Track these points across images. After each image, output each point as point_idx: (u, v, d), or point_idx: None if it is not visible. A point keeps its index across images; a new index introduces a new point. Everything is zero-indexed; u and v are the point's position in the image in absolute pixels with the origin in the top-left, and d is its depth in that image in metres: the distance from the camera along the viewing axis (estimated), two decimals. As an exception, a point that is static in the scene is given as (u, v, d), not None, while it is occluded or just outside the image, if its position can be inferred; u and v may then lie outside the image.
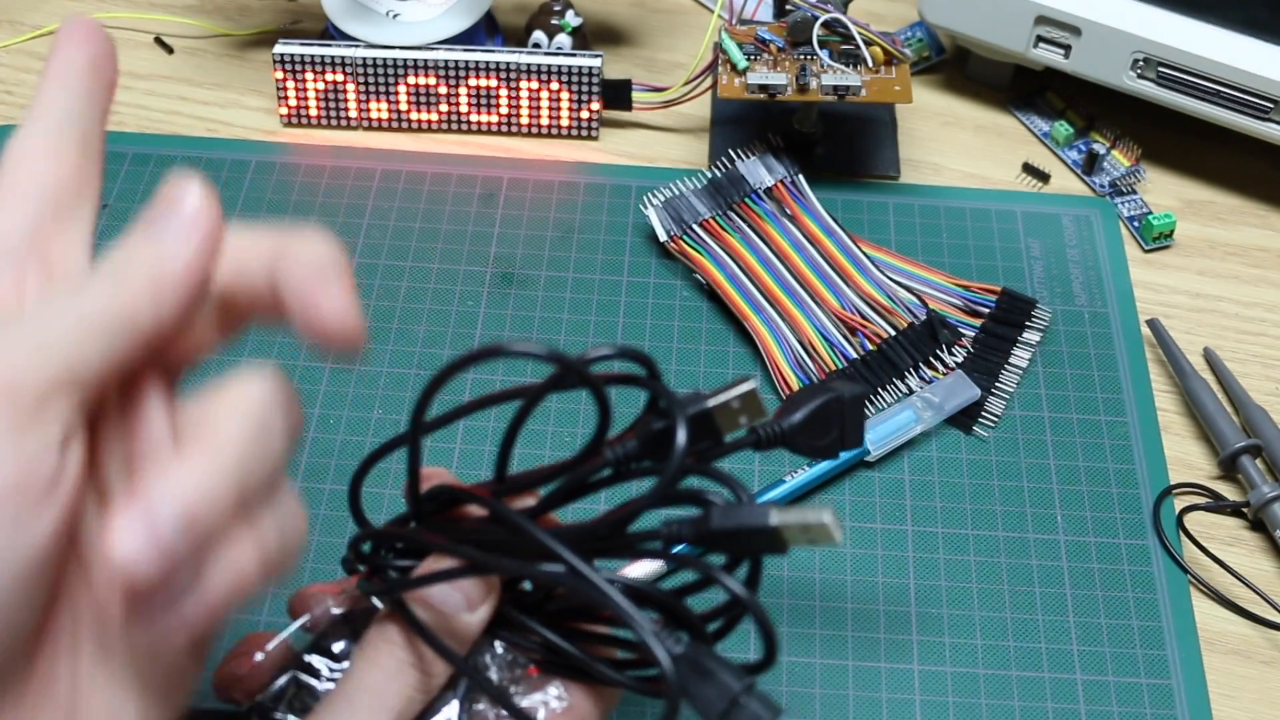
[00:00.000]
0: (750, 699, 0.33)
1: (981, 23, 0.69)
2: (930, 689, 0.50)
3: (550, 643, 0.37)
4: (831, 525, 0.33)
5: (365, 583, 0.39)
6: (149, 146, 0.68)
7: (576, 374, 0.34)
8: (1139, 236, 0.66)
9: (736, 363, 0.60)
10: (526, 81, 0.68)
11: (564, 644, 0.36)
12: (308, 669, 0.39)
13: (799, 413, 0.38)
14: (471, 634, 0.37)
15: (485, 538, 0.36)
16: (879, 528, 0.55)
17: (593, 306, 0.62)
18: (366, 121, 0.69)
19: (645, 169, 0.69)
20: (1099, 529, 0.55)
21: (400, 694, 0.36)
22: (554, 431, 0.57)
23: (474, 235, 0.65)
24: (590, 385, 0.34)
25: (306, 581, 0.52)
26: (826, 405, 0.39)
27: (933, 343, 0.59)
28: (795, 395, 0.39)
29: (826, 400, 0.39)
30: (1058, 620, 0.52)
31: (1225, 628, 0.53)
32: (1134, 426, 0.58)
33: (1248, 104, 0.64)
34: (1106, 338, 0.62)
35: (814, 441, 0.39)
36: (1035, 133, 0.71)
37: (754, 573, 0.35)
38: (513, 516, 0.35)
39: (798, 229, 0.64)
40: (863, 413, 0.40)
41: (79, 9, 0.76)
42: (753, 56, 0.65)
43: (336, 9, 0.69)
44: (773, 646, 0.34)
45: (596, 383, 0.34)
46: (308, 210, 0.66)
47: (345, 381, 0.59)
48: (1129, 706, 0.50)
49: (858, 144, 0.70)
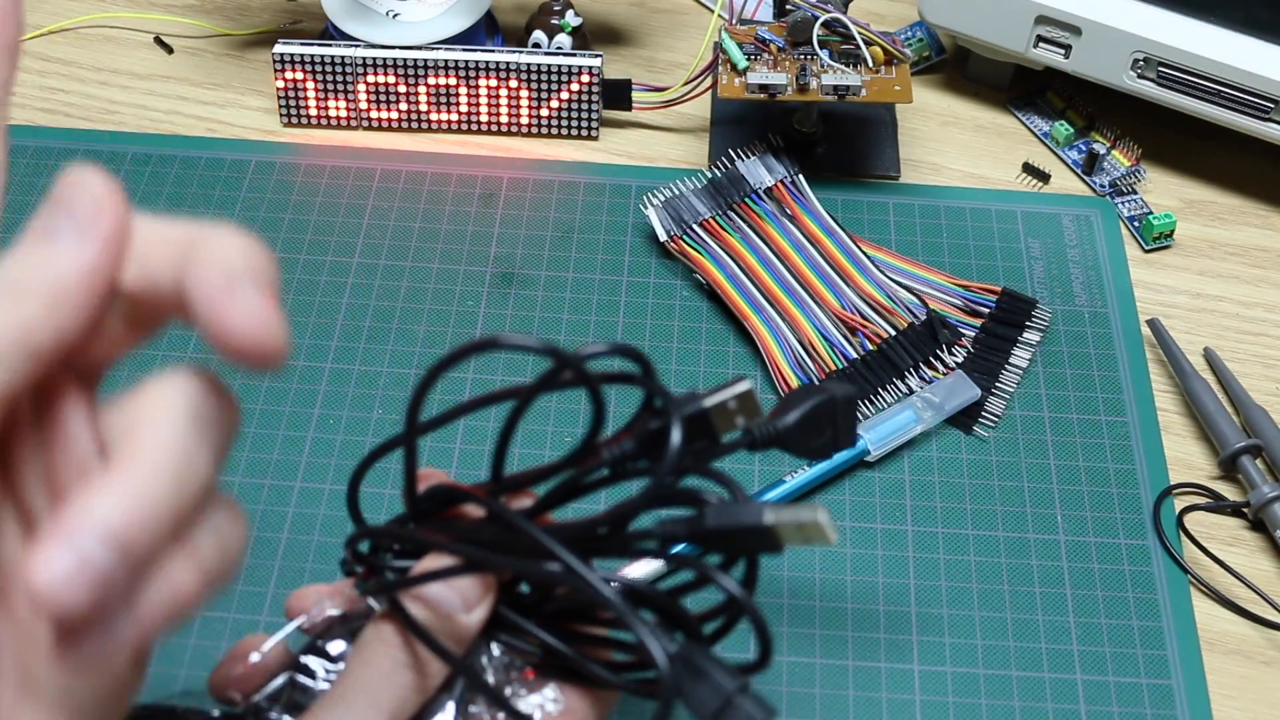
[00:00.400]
0: (744, 699, 0.33)
1: (981, 23, 0.69)
2: (930, 689, 0.50)
3: (547, 644, 0.37)
4: (826, 524, 0.33)
5: (362, 583, 0.39)
6: (149, 146, 0.68)
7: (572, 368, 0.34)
8: (1139, 236, 0.66)
9: (736, 363, 0.60)
10: (526, 81, 0.68)
11: (561, 645, 0.36)
12: (305, 670, 0.39)
13: (793, 413, 0.38)
14: (468, 635, 0.37)
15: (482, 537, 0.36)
16: (879, 528, 0.55)
17: (593, 306, 0.62)
18: (366, 121, 0.69)
19: (645, 169, 0.69)
20: (1099, 529, 0.55)
21: (395, 695, 0.35)
22: (553, 431, 0.57)
23: (474, 235, 0.65)
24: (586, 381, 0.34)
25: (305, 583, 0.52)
26: (820, 406, 0.39)
27: (933, 343, 0.59)
28: (789, 396, 0.39)
29: (820, 401, 0.39)
30: (1058, 620, 0.52)
31: (1225, 628, 0.53)
32: (1134, 426, 0.58)
33: (1248, 104, 0.64)
34: (1107, 338, 0.62)
35: (808, 442, 0.39)
36: (1035, 133, 0.71)
37: (750, 572, 0.36)
38: (510, 515, 0.35)
39: (798, 229, 0.64)
40: (855, 414, 0.40)
41: (78, 8, 0.76)
42: (753, 56, 0.65)
43: (336, 9, 0.69)
44: (768, 647, 0.34)
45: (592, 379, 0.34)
46: (308, 210, 0.66)
47: (345, 381, 0.59)
48: (1129, 707, 0.50)
49: (858, 144, 0.70)
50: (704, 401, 0.36)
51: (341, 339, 0.60)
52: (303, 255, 0.64)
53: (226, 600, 0.52)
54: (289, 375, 0.59)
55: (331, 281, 0.63)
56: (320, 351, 0.60)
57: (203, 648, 0.50)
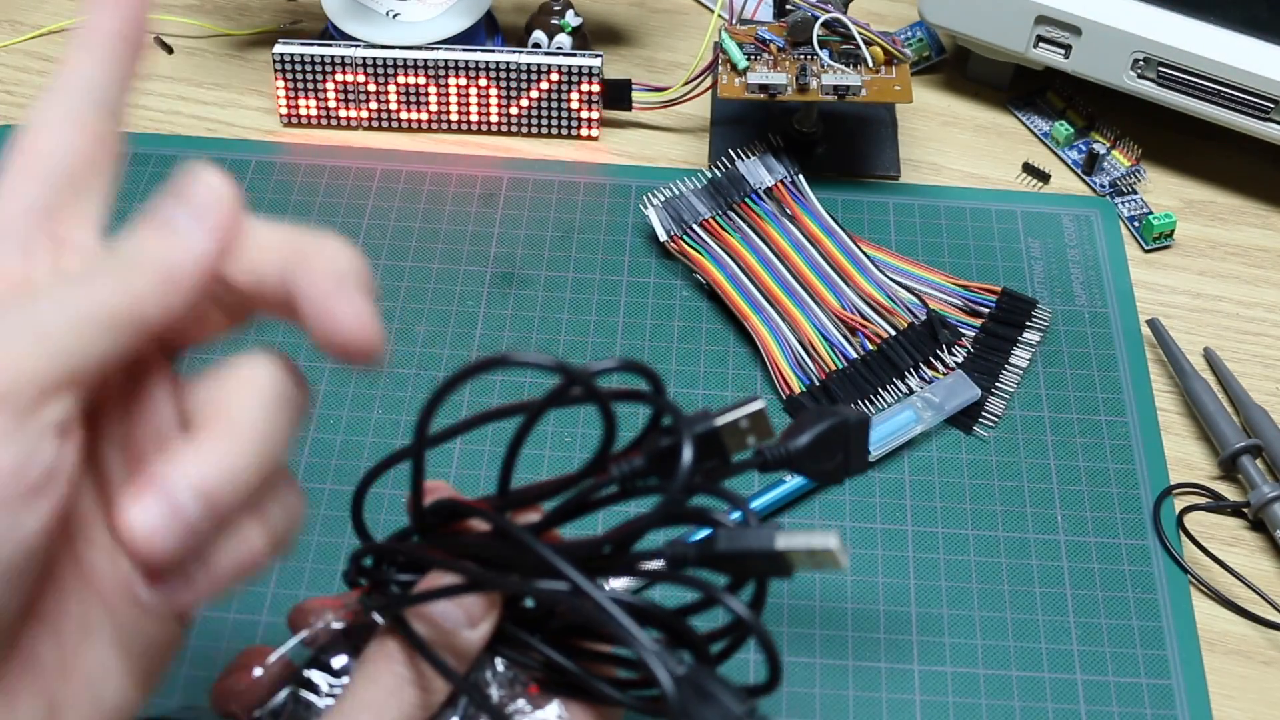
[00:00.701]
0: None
1: (981, 23, 0.69)
2: (930, 689, 0.50)
3: (552, 661, 0.36)
4: (838, 551, 0.33)
5: (366, 598, 0.39)
6: (149, 146, 0.68)
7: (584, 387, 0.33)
8: (1139, 236, 0.66)
9: (736, 363, 0.60)
10: (527, 81, 0.68)
11: (565, 662, 0.36)
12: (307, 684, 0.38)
13: (805, 436, 0.38)
14: (472, 651, 0.36)
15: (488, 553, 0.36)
16: (879, 528, 0.55)
17: (593, 306, 0.62)
18: (366, 121, 0.69)
19: (645, 169, 0.69)
20: (1099, 529, 0.55)
21: (399, 711, 0.35)
22: (553, 432, 0.57)
23: (474, 235, 0.65)
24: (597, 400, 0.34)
25: (306, 582, 0.52)
26: (832, 429, 0.39)
27: (933, 343, 0.59)
28: (800, 418, 0.39)
29: (832, 424, 0.39)
30: (1058, 620, 0.52)
31: (1225, 628, 0.53)
32: (1134, 426, 0.58)
33: (1248, 104, 0.64)
34: (1107, 338, 0.62)
35: (819, 465, 0.39)
36: (1035, 133, 0.71)
37: (759, 594, 0.35)
38: (516, 532, 0.35)
39: (798, 229, 0.64)
40: (867, 439, 0.40)
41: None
42: (753, 56, 0.65)
43: (336, 9, 0.69)
44: (776, 669, 0.34)
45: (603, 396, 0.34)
46: (308, 210, 0.66)
47: (345, 381, 0.59)
48: (1129, 707, 0.50)
49: (858, 144, 0.70)
50: (715, 420, 0.36)
51: (341, 339, 0.60)
52: (303, 255, 0.64)
53: (226, 601, 0.52)
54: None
55: (331, 281, 0.63)
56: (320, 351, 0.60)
57: (203, 648, 0.50)
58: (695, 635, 0.35)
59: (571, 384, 0.33)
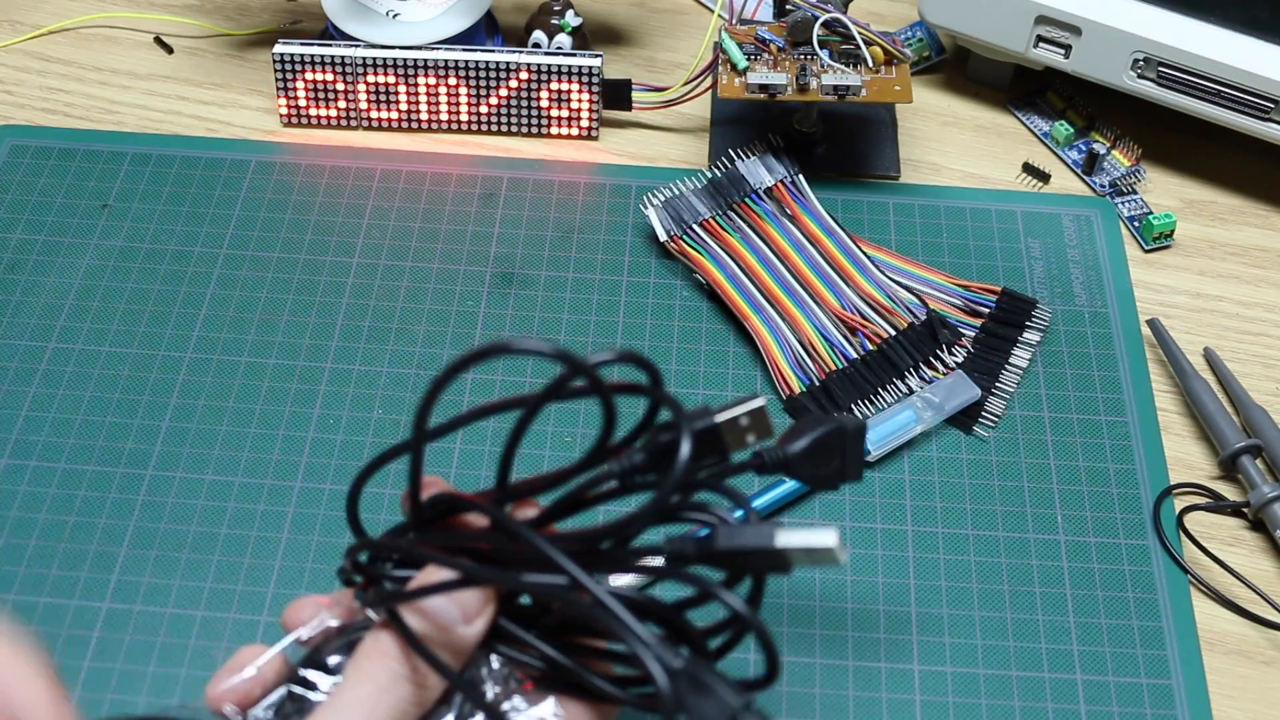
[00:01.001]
0: (748, 716, 0.33)
1: (981, 23, 0.69)
2: (930, 689, 0.50)
3: (548, 657, 0.36)
4: (837, 549, 0.33)
5: (362, 594, 0.39)
6: (149, 146, 0.68)
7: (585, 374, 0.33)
8: (1139, 236, 0.66)
9: (736, 363, 0.60)
10: (526, 81, 0.68)
11: (562, 658, 0.36)
12: (303, 682, 0.38)
13: (802, 440, 0.38)
14: (468, 647, 0.36)
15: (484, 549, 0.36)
16: (879, 528, 0.55)
17: (593, 306, 0.62)
18: (366, 121, 0.69)
19: (645, 169, 0.69)
20: (1099, 529, 0.55)
21: (393, 708, 0.35)
22: (553, 431, 0.57)
23: (474, 235, 0.65)
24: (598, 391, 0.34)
25: (305, 583, 0.52)
26: (830, 435, 0.39)
27: (933, 343, 0.59)
28: (799, 423, 0.39)
29: (830, 430, 0.39)
30: (1058, 620, 0.52)
31: (1225, 628, 0.53)
32: (1134, 426, 0.58)
33: (1248, 104, 0.64)
34: (1107, 338, 0.62)
35: (815, 470, 0.39)
36: (1035, 133, 0.71)
37: (757, 590, 0.35)
38: (514, 525, 0.35)
39: (798, 229, 0.64)
40: (863, 447, 0.40)
41: (79, 8, 0.76)
42: (753, 56, 0.65)
43: (336, 9, 0.69)
44: (774, 664, 0.34)
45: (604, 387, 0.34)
46: (308, 210, 0.66)
47: (345, 381, 0.59)
48: (1129, 706, 0.50)
49: (858, 144, 0.70)
50: (715, 417, 0.36)
51: (341, 339, 0.60)
52: (303, 255, 0.64)
53: (226, 601, 0.52)
54: (289, 375, 0.59)
55: (331, 281, 0.63)
56: (320, 352, 0.60)
57: (203, 648, 0.50)
58: (693, 630, 0.35)
59: (574, 373, 0.33)
